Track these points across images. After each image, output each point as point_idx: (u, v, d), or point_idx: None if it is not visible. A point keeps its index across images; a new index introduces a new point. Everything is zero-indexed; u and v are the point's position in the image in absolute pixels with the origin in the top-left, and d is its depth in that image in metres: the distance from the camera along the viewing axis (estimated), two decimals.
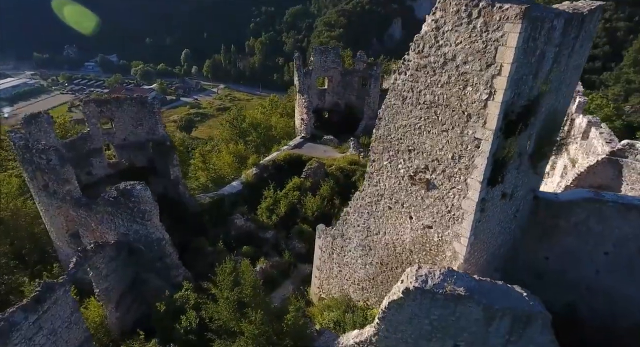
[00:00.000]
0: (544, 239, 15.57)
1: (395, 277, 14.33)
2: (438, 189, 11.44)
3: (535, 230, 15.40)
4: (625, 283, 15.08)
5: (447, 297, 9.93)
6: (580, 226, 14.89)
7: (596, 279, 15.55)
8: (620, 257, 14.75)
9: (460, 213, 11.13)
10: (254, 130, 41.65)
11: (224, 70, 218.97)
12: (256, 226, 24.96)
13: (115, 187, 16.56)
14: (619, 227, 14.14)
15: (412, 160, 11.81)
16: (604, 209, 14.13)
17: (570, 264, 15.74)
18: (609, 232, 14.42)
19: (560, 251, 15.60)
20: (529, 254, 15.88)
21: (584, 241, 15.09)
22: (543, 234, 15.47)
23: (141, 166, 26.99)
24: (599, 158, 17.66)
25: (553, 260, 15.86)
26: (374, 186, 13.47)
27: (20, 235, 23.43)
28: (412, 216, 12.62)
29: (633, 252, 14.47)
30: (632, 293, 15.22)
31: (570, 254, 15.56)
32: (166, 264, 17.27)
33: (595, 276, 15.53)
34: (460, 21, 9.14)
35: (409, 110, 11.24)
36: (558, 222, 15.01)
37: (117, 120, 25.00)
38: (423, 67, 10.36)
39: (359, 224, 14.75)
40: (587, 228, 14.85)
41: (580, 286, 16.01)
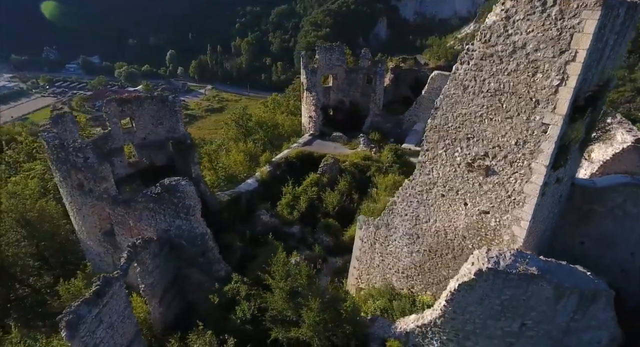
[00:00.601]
0: (581, 224, 16.25)
1: (444, 264, 14.78)
2: (498, 174, 11.91)
3: (572, 215, 16.05)
4: None
5: (521, 277, 10.38)
6: (617, 210, 15.60)
7: (632, 262, 16.32)
8: None
9: (522, 197, 11.62)
10: (261, 128, 41.67)
11: (211, 71, 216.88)
12: (280, 222, 25.12)
13: (159, 183, 16.53)
14: None
15: (471, 148, 12.25)
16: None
17: (606, 247, 16.47)
18: None
19: (596, 235, 16.30)
20: (566, 239, 16.54)
21: (620, 224, 15.82)
22: (580, 219, 16.14)
23: (161, 165, 26.80)
24: (623, 146, 18.50)
25: (589, 244, 16.56)
26: (426, 174, 13.87)
27: (46, 236, 22.96)
28: (468, 202, 13.07)
29: None
30: None
31: (606, 238, 16.27)
32: (209, 258, 17.32)
33: (630, 258, 16.30)
34: (534, 10, 9.60)
35: (470, 99, 11.68)
36: (595, 208, 15.69)
37: (138, 119, 24.77)
38: (489, 56, 10.80)
39: (407, 213, 15.13)
40: (623, 212, 15.58)
41: (615, 269, 16.77)
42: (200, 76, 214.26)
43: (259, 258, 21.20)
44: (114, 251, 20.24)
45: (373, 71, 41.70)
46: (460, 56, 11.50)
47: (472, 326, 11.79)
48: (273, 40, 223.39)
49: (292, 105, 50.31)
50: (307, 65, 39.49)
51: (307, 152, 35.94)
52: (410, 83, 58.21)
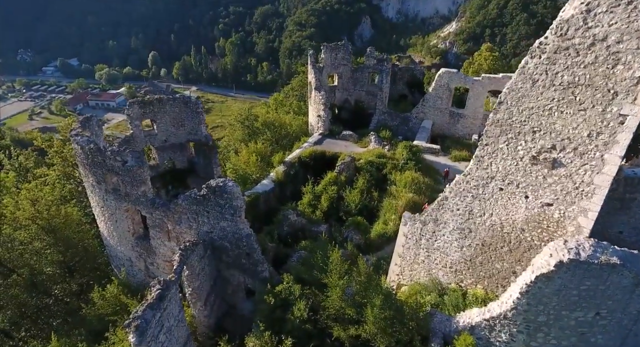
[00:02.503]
0: (620, 214, 16.65)
1: (498, 257, 14.92)
2: (566, 167, 12.09)
3: (612, 204, 16.45)
4: None
5: (602, 267, 10.56)
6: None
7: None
8: None
9: (592, 188, 11.82)
10: (268, 129, 41.28)
11: (195, 72, 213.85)
12: (307, 221, 24.90)
13: (205, 185, 16.10)
14: None
15: (537, 141, 12.39)
16: None
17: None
18: None
19: (634, 223, 16.76)
20: (605, 229, 16.93)
21: None
22: (620, 208, 16.55)
23: (181, 168, 26.22)
24: None
25: (627, 233, 17.00)
26: (483, 169, 13.95)
27: (72, 243, 21.99)
28: (529, 195, 13.22)
29: None
30: None
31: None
32: (253, 259, 16.98)
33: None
34: (618, 2, 9.77)
35: (540, 93, 11.80)
36: (637, 197, 16.13)
37: (159, 121, 24.13)
38: (564, 49, 10.93)
39: (459, 207, 15.20)
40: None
41: None
42: (184, 78, 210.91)
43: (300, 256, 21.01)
44: (147, 255, 19.65)
45: (379, 69, 41.87)
46: (530, 50, 11.60)
47: (545, 317, 11.92)
48: (257, 41, 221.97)
49: (295, 105, 50.06)
50: (315, 64, 39.29)
51: (320, 151, 35.78)
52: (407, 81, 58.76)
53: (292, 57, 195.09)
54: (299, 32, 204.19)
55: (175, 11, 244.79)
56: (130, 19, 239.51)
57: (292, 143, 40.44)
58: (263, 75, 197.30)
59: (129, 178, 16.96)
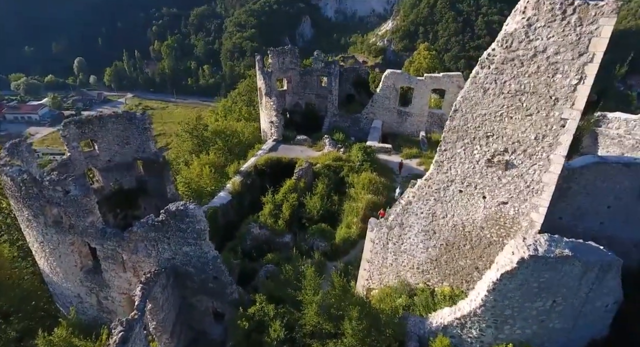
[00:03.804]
0: (559, 202, 18.25)
1: (462, 255, 15.68)
2: (517, 167, 12.97)
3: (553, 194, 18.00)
4: (623, 230, 18.51)
5: (557, 259, 11.48)
6: (589, 186, 17.82)
7: (600, 230, 18.75)
8: (619, 208, 18.05)
9: (541, 186, 12.81)
10: (219, 138, 39.93)
11: (129, 78, 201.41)
12: (271, 232, 24.44)
13: (164, 210, 15.10)
14: (619, 183, 17.30)
15: (490, 145, 13.15)
16: (608, 169, 17.14)
17: (579, 219, 18.74)
18: (612, 188, 17.54)
19: (571, 209, 18.47)
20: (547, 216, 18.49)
21: (591, 198, 18.11)
22: (559, 197, 18.12)
23: (129, 188, 24.49)
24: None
25: (565, 219, 18.70)
26: (443, 173, 14.55)
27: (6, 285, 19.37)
28: (486, 196, 14.02)
29: (629, 202, 17.85)
30: (626, 236, 18.75)
31: (579, 211, 18.53)
32: (221, 282, 16.29)
33: (599, 227, 18.73)
34: (554, 18, 10.61)
35: (490, 100, 12.53)
36: (571, 185, 17.77)
37: (101, 141, 22.28)
38: (510, 60, 11.68)
39: (423, 211, 15.75)
40: (594, 187, 17.86)
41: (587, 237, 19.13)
42: (117, 84, 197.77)
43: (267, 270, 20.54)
44: (100, 289, 18.11)
45: (327, 72, 42.19)
46: (480, 61, 12.26)
47: (510, 310, 12.73)
48: (196, 43, 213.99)
49: (245, 110, 48.91)
50: (263, 69, 38.66)
51: (275, 158, 35.33)
52: (353, 81, 59.96)
53: (234, 59, 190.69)
54: (239, 33, 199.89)
55: (101, 13, 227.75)
56: (48, 22, 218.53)
57: (246, 151, 39.51)
58: (205, 79, 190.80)
59: (73, 209, 15.48)
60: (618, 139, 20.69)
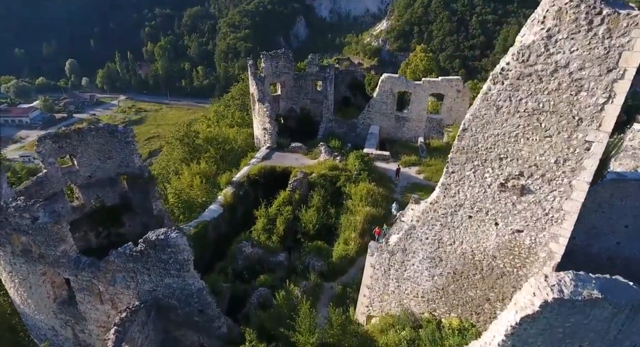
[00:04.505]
0: None
1: (471, 285, 14.36)
2: (534, 193, 11.66)
3: None
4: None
5: (586, 303, 10.15)
6: (604, 204, 16.60)
7: (617, 250, 17.54)
8: (638, 228, 16.83)
9: (561, 215, 11.52)
10: (210, 146, 38.40)
11: (123, 80, 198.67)
12: (264, 251, 23.01)
13: (144, 239, 13.64)
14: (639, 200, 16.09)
15: (504, 168, 11.84)
16: (627, 187, 15.92)
17: (594, 238, 17.51)
18: (630, 206, 16.32)
19: (585, 228, 17.23)
20: None
21: (607, 216, 16.89)
22: None
23: (112, 205, 22.98)
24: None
25: (579, 238, 17.46)
26: (451, 197, 13.23)
27: None
28: (499, 222, 12.71)
29: None
30: None
31: (594, 230, 17.29)
32: (207, 315, 14.88)
33: (616, 247, 17.51)
34: (579, 29, 9.30)
35: (504, 119, 11.21)
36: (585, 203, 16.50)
37: (80, 155, 20.75)
38: (527, 75, 10.36)
39: (428, 236, 14.42)
40: (609, 205, 16.62)
41: (602, 258, 17.95)
42: (110, 86, 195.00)
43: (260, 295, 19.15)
44: (76, 322, 16.61)
45: (322, 77, 40.80)
46: (492, 76, 10.93)
47: None
48: (190, 44, 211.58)
49: (238, 116, 47.39)
50: (256, 74, 37.18)
51: (269, 167, 33.90)
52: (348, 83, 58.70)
53: (228, 60, 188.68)
54: (233, 34, 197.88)
55: (93, 14, 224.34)
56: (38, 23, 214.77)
57: (239, 159, 38.04)
58: (199, 80, 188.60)
59: (42, 237, 14.00)
60: (632, 151, 19.50)
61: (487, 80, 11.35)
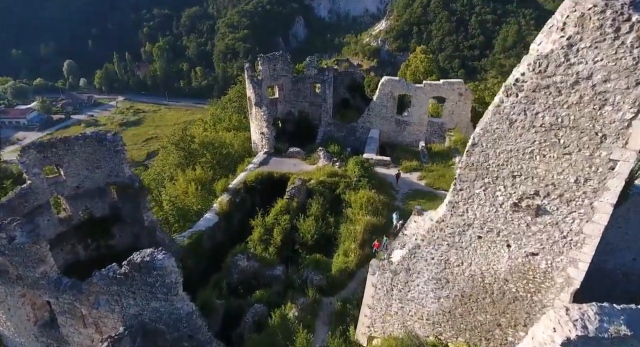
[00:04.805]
0: None
1: (480, 309, 13.41)
2: (551, 214, 10.71)
3: None
4: None
5: (614, 340, 9.21)
6: (620, 219, 15.68)
7: (632, 266, 16.62)
8: None
9: (581, 238, 10.57)
10: (207, 150, 37.42)
11: (121, 81, 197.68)
12: (261, 264, 22.03)
13: (128, 261, 12.67)
14: None
15: (517, 187, 10.88)
16: None
17: (610, 254, 16.59)
18: None
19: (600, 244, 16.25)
20: None
21: (623, 232, 15.99)
22: None
23: (102, 216, 22.01)
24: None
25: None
26: (459, 215, 12.27)
27: None
28: (511, 244, 11.76)
29: None
30: None
31: (609, 246, 16.36)
32: (198, 341, 13.93)
33: (632, 263, 16.59)
34: (604, 37, 8.35)
35: (518, 134, 10.25)
36: None
37: (67, 165, 19.77)
38: (544, 87, 9.41)
39: (434, 257, 13.46)
40: (626, 220, 15.74)
41: (617, 274, 17.03)
42: (108, 87, 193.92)
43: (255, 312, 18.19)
44: (58, 345, 15.65)
45: (321, 80, 39.82)
46: (505, 87, 9.97)
47: None
48: (188, 44, 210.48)
49: (235, 119, 46.41)
50: (253, 77, 36.19)
51: (266, 173, 32.89)
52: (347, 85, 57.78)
53: (226, 61, 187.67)
54: (232, 34, 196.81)
55: (91, 14, 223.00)
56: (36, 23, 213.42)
57: (236, 164, 37.08)
58: (197, 81, 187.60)
59: (19, 258, 13.03)
60: None
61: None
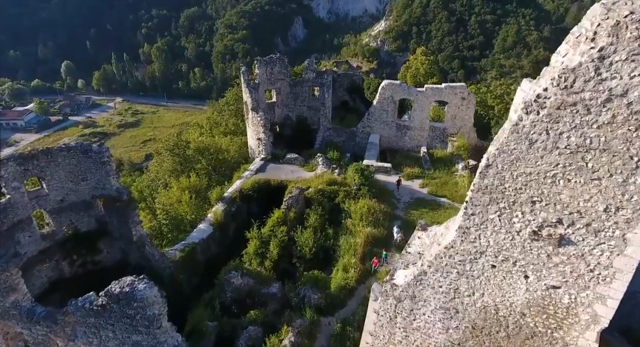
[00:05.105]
0: None
1: (494, 343, 12.25)
2: (576, 245, 9.56)
3: None
4: None
5: None
6: None
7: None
8: None
9: (610, 272, 9.42)
10: (202, 156, 36.25)
11: (119, 82, 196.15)
12: (255, 281, 20.85)
13: (105, 291, 11.52)
14: None
15: (537, 213, 9.74)
16: None
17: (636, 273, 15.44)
18: None
19: None
20: None
21: None
22: None
23: (87, 231, 20.85)
24: None
25: None
26: (470, 242, 11.12)
27: None
28: (530, 275, 10.61)
29: None
30: None
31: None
32: None
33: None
34: None
35: (539, 156, 9.10)
36: None
37: (50, 178, 18.63)
38: (571, 105, 8.26)
39: (442, 285, 12.32)
40: None
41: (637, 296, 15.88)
42: (106, 88, 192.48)
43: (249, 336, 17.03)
44: None
45: (319, 83, 38.68)
46: (525, 104, 8.82)
47: None
48: (187, 45, 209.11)
49: (232, 123, 45.22)
50: (249, 82, 35.02)
51: (263, 181, 31.77)
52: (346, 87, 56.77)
53: (225, 62, 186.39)
54: (231, 35, 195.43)
55: (89, 15, 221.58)
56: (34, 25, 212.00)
57: (232, 170, 35.93)
58: (196, 82, 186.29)
59: None
60: None
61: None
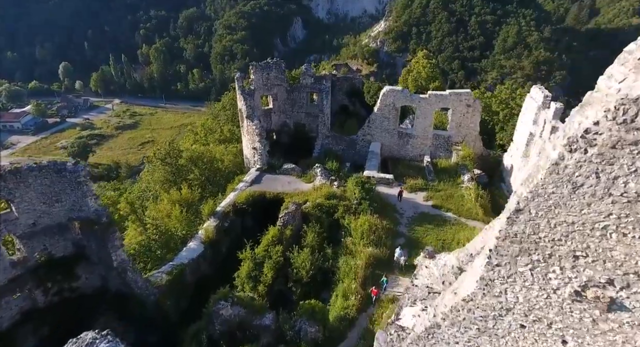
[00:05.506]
0: None
1: None
2: (630, 312, 7.80)
3: None
4: None
5: None
6: None
7: None
8: None
9: None
10: (195, 166, 34.47)
11: (117, 83, 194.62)
12: (247, 311, 19.05)
13: None
14: None
15: (581, 271, 7.96)
16: None
17: None
18: None
19: None
20: None
21: None
22: None
23: (63, 256, 19.09)
24: None
25: None
26: (494, 296, 9.36)
27: None
28: (569, 341, 8.83)
29: None
30: None
31: None
32: None
33: None
34: None
35: (585, 203, 7.33)
36: None
37: (20, 200, 16.86)
38: (630, 144, 6.49)
39: (459, 341, 10.56)
40: None
41: None
42: (104, 90, 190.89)
43: None
44: None
45: (318, 89, 36.91)
46: (569, 140, 7.04)
47: None
48: (185, 46, 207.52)
49: (227, 129, 43.45)
50: (244, 88, 33.23)
51: (258, 193, 29.97)
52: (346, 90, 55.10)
53: (224, 62, 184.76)
54: (230, 36, 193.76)
55: (87, 16, 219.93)
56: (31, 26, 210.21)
57: (226, 180, 34.17)
58: (195, 83, 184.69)
59: None
60: None
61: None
